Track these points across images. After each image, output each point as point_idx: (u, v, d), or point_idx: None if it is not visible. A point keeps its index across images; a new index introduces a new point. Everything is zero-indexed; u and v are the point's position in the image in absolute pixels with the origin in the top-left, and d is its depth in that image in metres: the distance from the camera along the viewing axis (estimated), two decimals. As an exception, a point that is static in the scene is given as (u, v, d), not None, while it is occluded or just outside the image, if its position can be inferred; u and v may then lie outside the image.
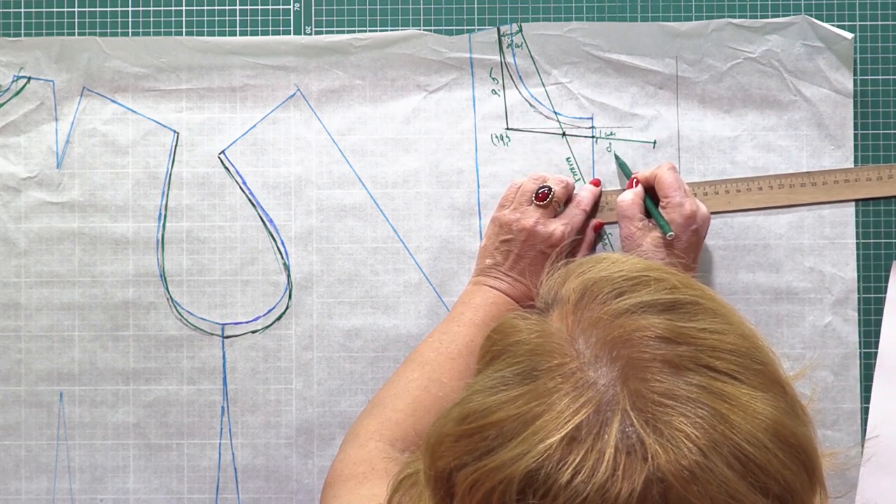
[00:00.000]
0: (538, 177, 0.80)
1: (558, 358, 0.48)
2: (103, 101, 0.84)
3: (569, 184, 0.81)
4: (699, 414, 0.45)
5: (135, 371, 0.83)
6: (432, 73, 0.83)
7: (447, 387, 0.71)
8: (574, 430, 0.45)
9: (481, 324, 0.75)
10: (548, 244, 0.78)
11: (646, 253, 0.77)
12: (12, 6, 0.85)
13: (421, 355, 0.75)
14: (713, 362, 0.47)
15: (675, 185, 0.78)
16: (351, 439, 0.68)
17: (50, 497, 0.83)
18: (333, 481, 0.64)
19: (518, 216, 0.79)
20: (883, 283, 0.83)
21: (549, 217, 0.79)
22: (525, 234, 0.78)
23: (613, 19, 0.84)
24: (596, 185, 0.83)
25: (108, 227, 0.84)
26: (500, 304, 0.77)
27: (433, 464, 0.50)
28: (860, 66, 0.84)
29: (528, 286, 0.78)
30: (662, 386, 0.46)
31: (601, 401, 0.46)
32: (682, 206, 0.77)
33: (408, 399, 0.70)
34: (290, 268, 0.84)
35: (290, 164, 0.84)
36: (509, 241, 0.78)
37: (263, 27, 0.84)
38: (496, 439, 0.47)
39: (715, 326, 0.49)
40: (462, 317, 0.76)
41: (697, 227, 0.77)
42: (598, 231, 0.83)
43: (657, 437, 0.44)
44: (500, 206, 0.81)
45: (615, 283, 0.51)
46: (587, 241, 0.82)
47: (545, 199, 0.78)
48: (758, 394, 0.47)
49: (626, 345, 0.47)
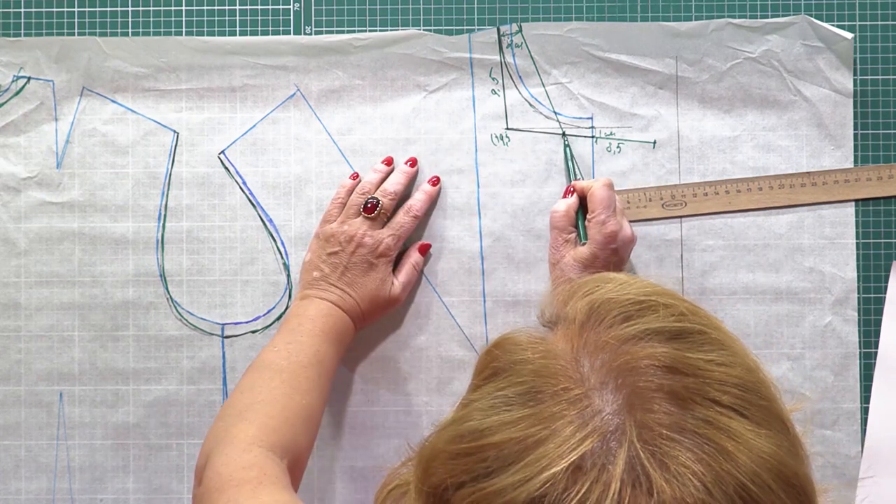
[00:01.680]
0: (364, 189, 0.80)
1: (563, 382, 0.47)
2: (103, 101, 0.84)
3: (396, 193, 0.80)
4: (705, 450, 0.45)
5: (135, 371, 0.83)
6: (432, 73, 0.83)
7: (309, 395, 0.70)
8: (579, 460, 0.44)
9: (321, 334, 0.75)
10: (375, 255, 0.78)
11: (565, 266, 0.77)
12: (12, 6, 0.85)
13: (272, 363, 0.72)
14: (719, 396, 0.47)
15: (605, 202, 0.77)
16: (228, 443, 0.65)
17: (50, 497, 0.83)
18: (222, 486, 0.61)
19: (345, 228, 0.79)
20: (883, 283, 0.83)
21: (378, 228, 0.79)
22: (353, 245, 0.78)
23: (613, 19, 0.84)
24: (434, 183, 0.83)
25: (107, 227, 0.84)
26: (333, 315, 0.77)
27: (426, 479, 0.49)
28: (860, 66, 0.84)
29: (356, 298, 0.78)
30: (669, 419, 0.45)
31: (606, 430, 0.45)
32: (604, 225, 0.76)
33: (278, 406, 0.68)
34: (290, 268, 0.84)
35: (289, 164, 0.84)
36: (336, 254, 0.78)
37: (263, 27, 0.84)
38: (496, 461, 0.46)
39: (722, 358, 0.48)
40: (302, 328, 0.75)
41: (617, 247, 0.76)
42: (423, 253, 0.83)
43: (663, 472, 0.44)
44: (325, 220, 0.81)
45: (623, 305, 0.51)
46: (412, 261, 0.81)
47: (373, 210, 0.79)
48: (762, 431, 0.46)
49: (633, 373, 0.47)
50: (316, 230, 0.81)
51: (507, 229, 0.83)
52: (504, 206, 0.83)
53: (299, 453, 0.68)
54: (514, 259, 0.83)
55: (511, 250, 0.83)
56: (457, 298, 0.83)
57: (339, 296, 0.77)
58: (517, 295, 0.83)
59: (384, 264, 0.79)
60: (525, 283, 0.83)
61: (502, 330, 0.82)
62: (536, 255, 0.83)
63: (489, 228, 0.83)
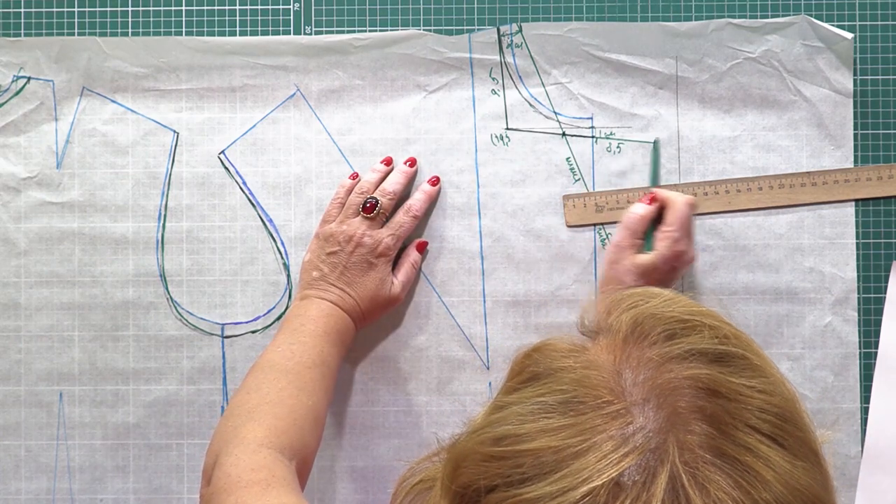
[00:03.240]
0: (363, 189, 0.80)
1: (605, 394, 0.47)
2: (103, 101, 0.84)
3: (395, 192, 0.80)
4: (745, 478, 0.45)
5: (135, 371, 0.83)
6: (432, 73, 0.83)
7: (314, 396, 0.70)
8: (619, 476, 0.44)
9: (324, 334, 0.75)
10: (375, 254, 0.78)
11: (622, 269, 0.76)
12: (12, 6, 0.85)
13: (277, 364, 0.72)
14: (759, 424, 0.47)
15: (684, 221, 0.77)
16: (237, 444, 0.65)
17: (50, 497, 0.83)
18: (230, 487, 0.61)
19: (344, 228, 0.79)
20: (883, 283, 0.83)
21: (377, 228, 0.79)
22: (352, 245, 0.78)
23: (613, 19, 0.84)
24: (433, 183, 0.83)
25: (107, 227, 0.84)
26: (334, 315, 0.76)
27: (456, 478, 0.49)
28: (860, 66, 0.84)
29: (355, 298, 0.78)
30: (709, 442, 0.45)
31: (647, 448, 0.45)
32: (676, 242, 0.76)
33: (285, 408, 0.68)
34: (289, 268, 0.84)
35: (289, 164, 0.84)
36: (336, 254, 0.78)
37: (263, 27, 0.84)
38: (532, 468, 0.46)
39: (762, 385, 0.48)
40: (304, 328, 0.75)
41: (677, 266, 0.77)
42: (421, 251, 0.82)
43: (703, 496, 0.44)
44: (324, 220, 0.81)
45: (667, 322, 0.50)
46: (411, 260, 0.81)
47: (372, 210, 0.79)
48: (798, 463, 0.46)
49: (675, 393, 0.47)
50: (315, 230, 0.81)
51: (507, 229, 0.83)
52: (504, 206, 0.83)
53: (307, 454, 0.68)
54: (514, 259, 0.83)
55: (511, 250, 0.83)
56: (457, 298, 0.83)
57: (339, 295, 0.77)
58: (517, 295, 0.83)
59: (383, 264, 0.79)
60: (525, 283, 0.83)
61: (502, 330, 0.83)
62: (536, 255, 0.83)
63: (489, 228, 0.83)
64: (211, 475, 0.64)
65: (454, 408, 0.83)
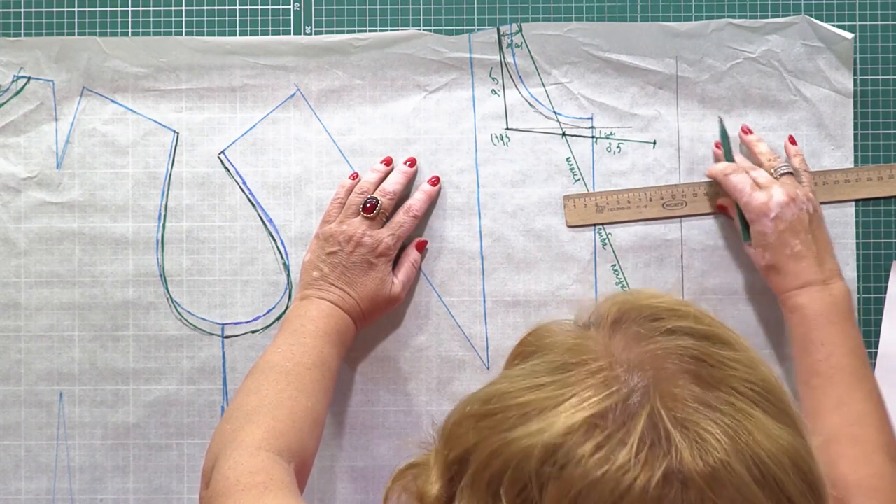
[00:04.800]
0: (363, 189, 0.80)
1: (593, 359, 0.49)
2: (103, 101, 0.84)
3: (395, 192, 0.80)
4: (727, 423, 0.46)
5: (135, 371, 0.83)
6: (432, 73, 0.83)
7: (314, 397, 0.70)
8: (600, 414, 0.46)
9: (324, 335, 0.74)
10: (375, 254, 0.78)
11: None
12: (12, 6, 0.85)
13: (277, 365, 0.72)
14: (742, 388, 0.48)
15: (738, 186, 0.76)
16: (235, 446, 0.65)
17: (50, 497, 0.83)
18: (228, 490, 0.61)
19: (344, 228, 0.78)
20: (883, 283, 0.83)
21: (377, 228, 0.79)
22: (352, 245, 0.78)
23: (613, 19, 0.84)
24: (433, 183, 0.83)
25: (108, 227, 0.84)
26: (334, 315, 0.76)
27: (450, 446, 0.51)
28: (860, 66, 0.84)
29: (356, 298, 0.77)
30: (693, 395, 0.47)
31: (631, 393, 0.47)
32: (748, 206, 0.76)
33: (284, 410, 0.68)
34: (290, 268, 0.84)
35: (289, 164, 0.84)
36: (336, 254, 0.78)
37: (263, 27, 0.84)
38: (520, 419, 0.48)
39: (746, 361, 0.50)
40: (304, 329, 0.74)
41: (777, 214, 0.74)
42: (421, 250, 0.82)
43: (684, 433, 0.45)
44: (324, 221, 0.80)
45: (654, 308, 0.52)
46: (410, 259, 0.81)
47: (372, 210, 0.78)
48: (781, 426, 0.47)
49: (661, 358, 0.49)
50: (316, 230, 0.81)
51: (507, 229, 0.83)
52: (504, 206, 0.83)
53: (306, 456, 0.68)
54: (514, 259, 0.83)
55: (511, 250, 0.83)
56: (457, 298, 0.83)
57: (339, 295, 0.77)
58: (517, 295, 0.83)
59: (384, 263, 0.79)
60: (525, 283, 0.83)
61: (502, 330, 0.83)
62: (536, 255, 0.83)
63: (489, 228, 0.83)
64: (210, 478, 0.64)
65: (454, 408, 0.83)
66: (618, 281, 0.83)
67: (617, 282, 0.83)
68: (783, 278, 0.74)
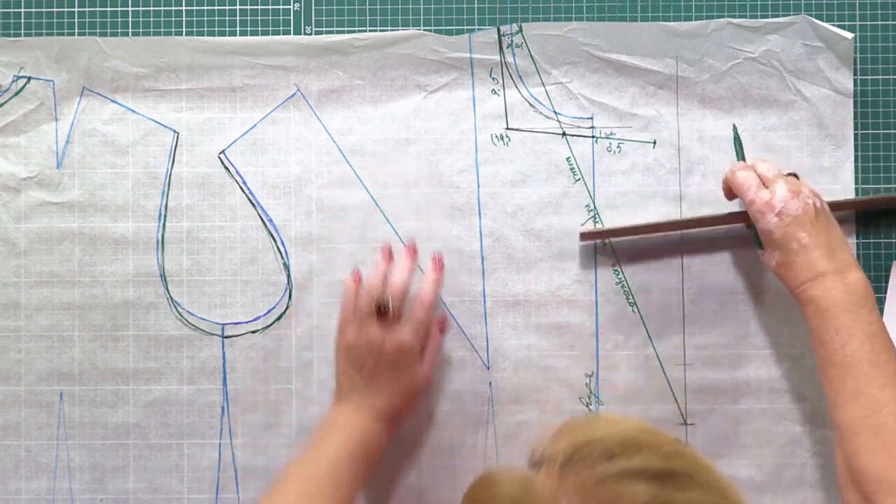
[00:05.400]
0: (372, 290, 0.77)
1: None
2: (103, 101, 0.84)
3: (404, 287, 0.77)
4: None
5: (135, 371, 0.83)
6: (432, 73, 0.83)
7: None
8: None
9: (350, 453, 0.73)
10: (400, 355, 0.76)
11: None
12: (12, 6, 0.85)
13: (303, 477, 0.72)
14: None
15: (745, 184, 0.75)
16: None
17: (50, 497, 0.83)
18: None
19: (364, 338, 0.76)
20: (883, 283, 0.83)
21: (395, 326, 0.76)
22: (374, 354, 0.75)
23: (613, 19, 0.84)
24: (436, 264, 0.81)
25: (108, 227, 0.84)
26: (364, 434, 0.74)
27: None
28: (860, 66, 0.84)
29: (390, 398, 0.76)
30: None
31: None
32: (753, 203, 0.74)
33: None
34: (290, 268, 0.84)
35: (289, 164, 0.84)
36: (362, 365, 0.76)
37: (263, 27, 0.84)
38: None
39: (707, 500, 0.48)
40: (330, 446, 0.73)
41: (781, 209, 0.73)
42: (443, 331, 0.81)
43: None
44: (340, 329, 0.78)
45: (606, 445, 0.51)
46: (435, 344, 0.80)
47: (386, 315, 0.76)
48: None
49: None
50: (335, 340, 0.79)
51: (507, 229, 0.83)
52: (504, 206, 0.83)
53: None
54: (514, 259, 0.83)
55: (511, 250, 0.83)
56: (457, 298, 0.83)
57: (370, 406, 0.75)
58: (517, 295, 0.83)
59: (410, 360, 0.76)
60: (525, 283, 0.83)
61: (502, 330, 0.83)
62: (536, 255, 0.83)
63: (489, 228, 0.83)
64: None
65: (454, 408, 0.83)
66: (618, 281, 0.83)
67: (617, 282, 0.83)
68: (794, 272, 0.72)
